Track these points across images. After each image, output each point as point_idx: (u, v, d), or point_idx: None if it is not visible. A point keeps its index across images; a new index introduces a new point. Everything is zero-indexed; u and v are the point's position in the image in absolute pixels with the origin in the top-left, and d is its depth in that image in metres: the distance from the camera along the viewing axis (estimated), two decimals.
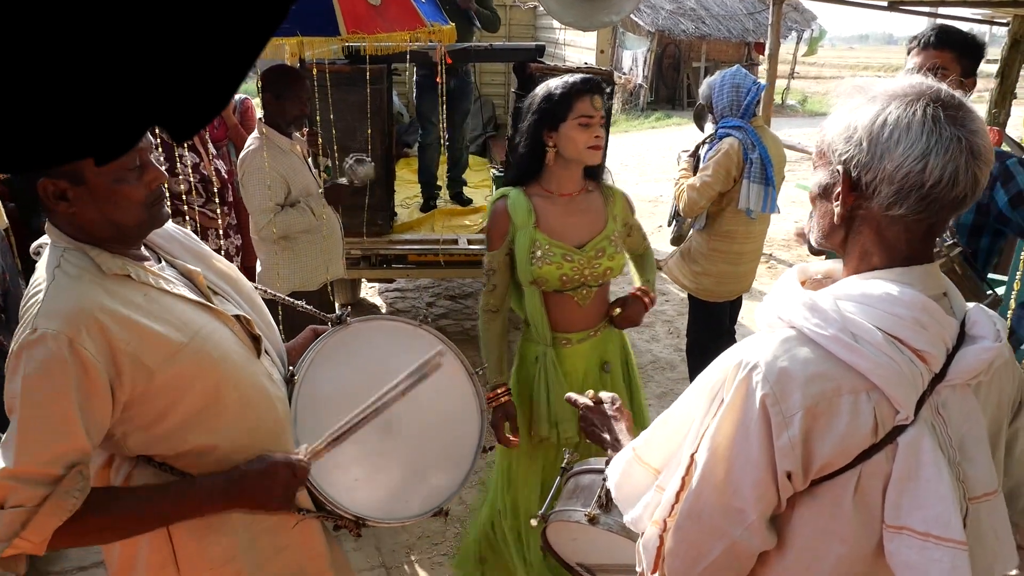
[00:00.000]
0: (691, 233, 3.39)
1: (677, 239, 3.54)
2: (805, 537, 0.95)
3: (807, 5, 18.75)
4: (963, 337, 0.96)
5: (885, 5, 5.16)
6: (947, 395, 0.94)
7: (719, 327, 3.47)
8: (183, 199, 3.68)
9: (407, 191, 5.44)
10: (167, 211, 1.34)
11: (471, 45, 4.66)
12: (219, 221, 3.85)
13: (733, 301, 3.49)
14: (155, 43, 0.42)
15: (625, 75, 17.85)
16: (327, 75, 3.58)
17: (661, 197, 8.98)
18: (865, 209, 0.96)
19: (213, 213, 3.80)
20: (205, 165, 3.83)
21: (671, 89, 19.18)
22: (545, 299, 2.14)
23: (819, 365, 0.91)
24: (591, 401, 1.48)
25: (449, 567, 2.79)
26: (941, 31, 2.15)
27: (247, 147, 3.02)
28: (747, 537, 0.94)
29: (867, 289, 0.94)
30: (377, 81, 3.87)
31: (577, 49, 5.83)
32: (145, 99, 0.44)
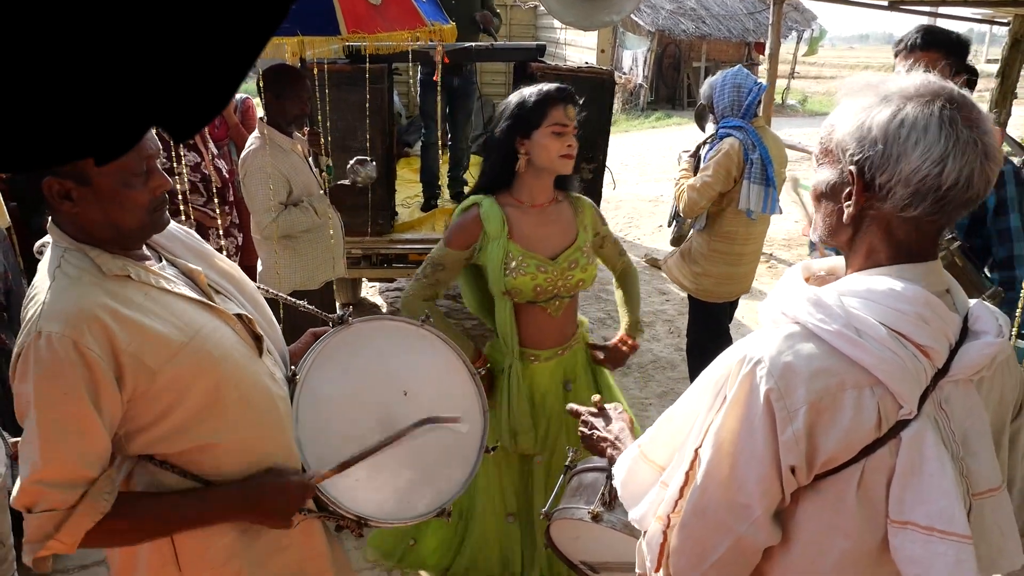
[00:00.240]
0: (691, 233, 3.38)
1: (677, 239, 3.53)
2: (809, 532, 0.95)
3: (807, 5, 18.79)
4: (966, 333, 0.96)
5: (885, 5, 5.15)
6: (950, 390, 0.94)
7: (719, 327, 3.47)
8: (183, 197, 3.67)
9: (408, 190, 5.45)
10: (168, 217, 1.35)
11: (472, 45, 4.66)
12: (219, 220, 3.85)
13: (732, 301, 3.49)
14: (155, 43, 0.42)
15: (625, 75, 17.85)
16: (328, 74, 3.58)
17: (661, 197, 8.97)
18: (876, 209, 0.95)
19: (214, 212, 3.80)
20: (206, 164, 3.83)
21: (671, 89, 19.18)
22: (516, 311, 2.13)
23: (823, 360, 0.91)
24: (595, 408, 1.49)
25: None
26: (926, 32, 2.14)
27: (248, 147, 3.02)
28: (753, 532, 0.94)
29: (871, 285, 0.94)
30: (377, 81, 3.86)
31: (578, 49, 5.84)
32: (145, 99, 0.45)
